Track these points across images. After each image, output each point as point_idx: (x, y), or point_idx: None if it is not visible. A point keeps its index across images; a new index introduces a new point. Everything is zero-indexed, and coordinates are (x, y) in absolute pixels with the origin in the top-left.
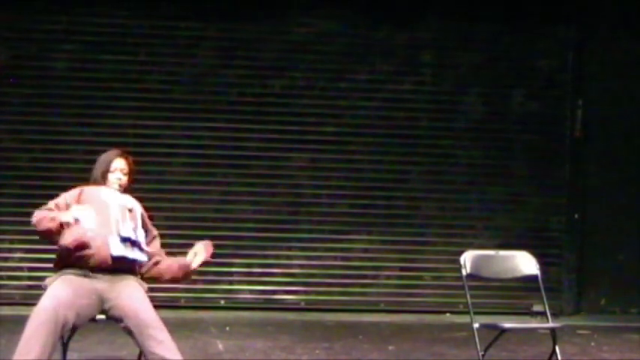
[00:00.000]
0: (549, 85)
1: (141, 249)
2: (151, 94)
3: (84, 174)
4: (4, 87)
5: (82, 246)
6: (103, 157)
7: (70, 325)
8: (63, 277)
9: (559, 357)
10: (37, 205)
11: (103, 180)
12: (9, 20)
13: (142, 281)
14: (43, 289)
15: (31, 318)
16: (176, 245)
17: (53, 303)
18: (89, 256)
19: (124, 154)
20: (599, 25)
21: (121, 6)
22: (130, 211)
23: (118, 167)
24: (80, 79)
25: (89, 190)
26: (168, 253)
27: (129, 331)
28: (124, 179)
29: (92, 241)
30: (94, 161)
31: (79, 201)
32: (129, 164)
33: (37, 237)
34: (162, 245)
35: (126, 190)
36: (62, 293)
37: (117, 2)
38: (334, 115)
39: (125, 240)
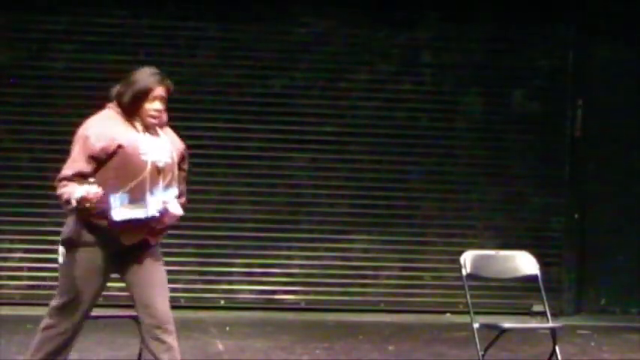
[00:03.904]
0: (549, 85)
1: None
2: None
3: None
4: (4, 87)
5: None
6: (137, 81)
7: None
8: (75, 270)
9: (559, 357)
10: (37, 206)
11: (133, 109)
12: (9, 20)
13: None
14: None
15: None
16: (176, 245)
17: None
18: (115, 231)
19: (164, 77)
20: (599, 25)
21: (121, 6)
22: (160, 171)
23: (159, 96)
24: (80, 79)
25: (128, 149)
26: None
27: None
28: (162, 111)
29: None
30: None
31: (111, 157)
32: (169, 90)
33: (37, 237)
34: (164, 245)
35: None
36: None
37: (117, 2)
38: (334, 115)
39: (135, 210)
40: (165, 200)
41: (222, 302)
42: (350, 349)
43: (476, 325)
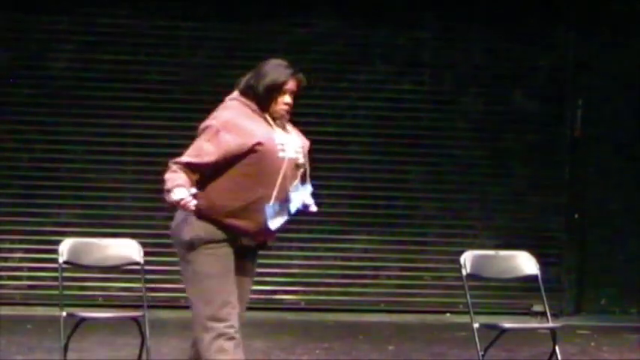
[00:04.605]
0: (549, 84)
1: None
2: (151, 94)
3: (84, 174)
4: (4, 87)
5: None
6: (271, 72)
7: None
8: (217, 266)
9: (559, 357)
10: (37, 206)
11: (266, 102)
12: (9, 20)
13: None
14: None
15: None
16: None
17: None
18: (246, 231)
19: (296, 70)
20: (599, 26)
21: (121, 6)
22: (298, 166)
23: (290, 89)
24: (80, 79)
25: (267, 146)
26: None
27: None
28: (291, 105)
29: (252, 215)
30: (94, 161)
31: (246, 155)
32: (299, 84)
33: (37, 237)
34: (164, 245)
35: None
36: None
37: (117, 2)
38: (334, 115)
39: (283, 214)
40: (304, 198)
41: None
42: (350, 349)
43: (476, 325)
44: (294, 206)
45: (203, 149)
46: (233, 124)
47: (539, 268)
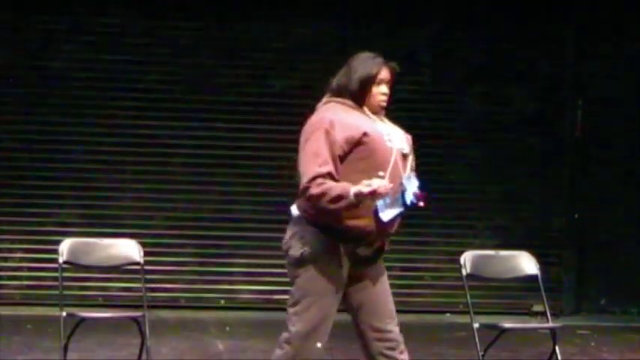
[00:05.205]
0: (549, 85)
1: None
2: (151, 94)
3: (84, 174)
4: (4, 87)
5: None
6: (361, 66)
7: None
8: (327, 279)
9: (559, 357)
10: (37, 206)
11: (361, 96)
12: (9, 20)
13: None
14: (302, 256)
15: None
16: (176, 245)
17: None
18: (367, 231)
19: (386, 60)
20: (599, 25)
21: (121, 6)
22: (405, 157)
23: (385, 79)
24: (80, 79)
25: (374, 135)
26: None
27: (356, 323)
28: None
29: (370, 212)
30: (94, 161)
31: (353, 149)
32: (393, 72)
33: (37, 237)
34: (164, 245)
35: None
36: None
37: (117, 2)
38: None
39: (396, 205)
40: (415, 191)
41: (222, 302)
42: (350, 349)
43: (476, 325)
44: (408, 196)
45: (321, 155)
46: (337, 121)
47: (539, 268)
